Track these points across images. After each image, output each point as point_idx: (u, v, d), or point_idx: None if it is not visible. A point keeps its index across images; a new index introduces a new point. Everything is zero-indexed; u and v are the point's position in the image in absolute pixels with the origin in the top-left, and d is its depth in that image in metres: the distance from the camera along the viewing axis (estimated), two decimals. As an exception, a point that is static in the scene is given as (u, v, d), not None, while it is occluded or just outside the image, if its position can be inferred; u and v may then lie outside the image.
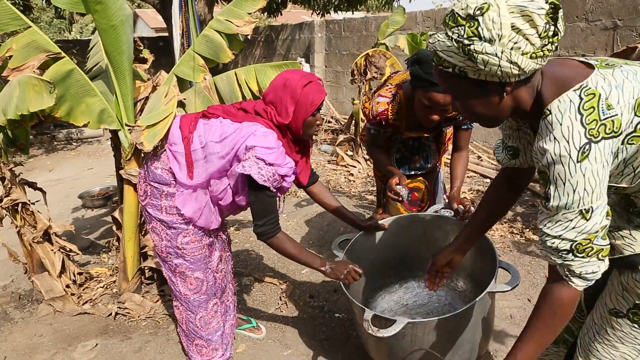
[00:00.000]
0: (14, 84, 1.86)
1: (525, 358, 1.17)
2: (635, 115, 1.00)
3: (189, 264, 1.93)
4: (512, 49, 0.98)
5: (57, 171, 6.00)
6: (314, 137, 1.98)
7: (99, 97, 2.39)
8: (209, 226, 1.92)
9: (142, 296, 2.74)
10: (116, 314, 2.62)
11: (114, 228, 3.05)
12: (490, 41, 0.98)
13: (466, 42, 0.99)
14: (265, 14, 9.54)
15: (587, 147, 0.97)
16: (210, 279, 2.00)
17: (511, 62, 0.98)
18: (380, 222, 2.14)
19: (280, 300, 2.74)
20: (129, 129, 1.78)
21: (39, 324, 2.57)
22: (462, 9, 1.00)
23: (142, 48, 2.67)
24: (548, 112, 1.04)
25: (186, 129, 1.80)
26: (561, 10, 1.01)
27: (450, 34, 1.02)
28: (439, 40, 1.05)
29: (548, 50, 1.00)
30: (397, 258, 2.32)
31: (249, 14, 2.57)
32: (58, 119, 2.31)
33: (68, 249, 2.78)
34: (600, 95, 0.99)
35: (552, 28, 0.99)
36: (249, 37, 2.61)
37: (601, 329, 1.26)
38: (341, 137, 5.81)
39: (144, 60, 2.78)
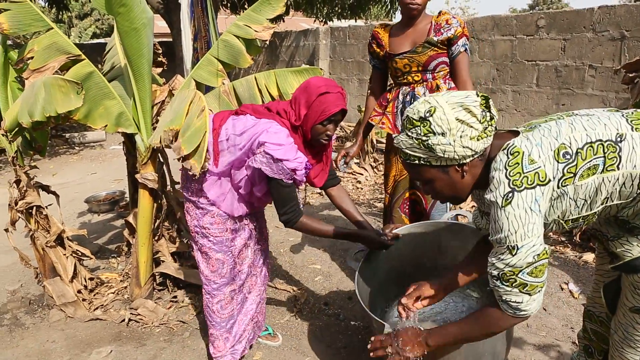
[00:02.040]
0: (39, 85, 1.84)
1: (441, 339, 1.41)
2: (557, 162, 1.20)
3: (212, 245, 2.03)
4: (461, 136, 1.23)
5: (60, 175, 5.95)
6: (332, 144, 2.02)
7: (117, 100, 2.37)
8: (233, 212, 2.02)
9: (155, 302, 2.70)
10: (129, 320, 2.58)
11: (126, 233, 3.02)
12: (443, 134, 1.23)
13: (424, 138, 1.25)
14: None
15: (510, 195, 1.18)
16: (231, 262, 2.08)
17: (464, 147, 1.24)
18: (395, 231, 2.13)
19: (295, 307, 2.71)
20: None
21: (50, 330, 2.53)
22: (415, 113, 1.28)
23: (160, 52, 2.66)
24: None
25: (217, 123, 1.94)
26: (491, 100, 1.29)
27: (410, 134, 1.29)
28: (402, 140, 1.31)
29: (489, 131, 1.26)
30: (412, 267, 2.30)
31: (268, 19, 2.56)
32: (73, 122, 2.29)
33: (80, 253, 2.74)
34: (523, 152, 1.21)
35: (488, 114, 1.26)
36: (266, 42, 2.60)
37: (628, 327, 1.36)
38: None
39: (160, 64, 2.76)
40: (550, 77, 5.11)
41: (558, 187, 1.20)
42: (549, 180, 1.19)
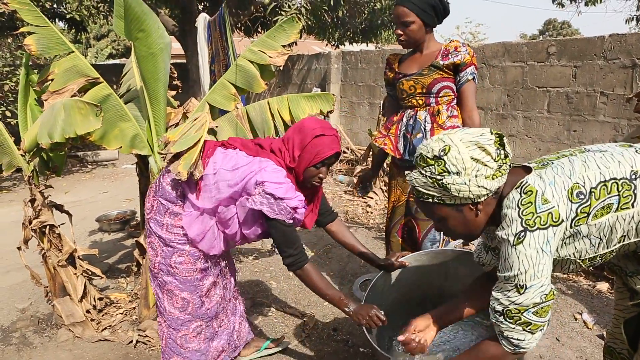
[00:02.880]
0: (58, 107, 1.88)
1: None
2: (571, 202, 1.18)
3: (178, 283, 1.93)
4: (476, 175, 1.21)
5: (73, 193, 6.01)
6: (322, 184, 1.98)
7: (132, 122, 2.41)
8: (210, 251, 1.92)
9: (163, 324, 2.69)
10: (137, 341, 2.57)
11: (136, 253, 3.03)
12: (458, 173, 1.22)
13: (438, 177, 1.24)
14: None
15: (523, 234, 1.17)
16: (197, 301, 1.99)
17: (479, 186, 1.22)
18: (400, 259, 2.12)
19: (303, 332, 2.68)
20: (162, 157, 1.79)
21: (58, 350, 2.52)
22: (429, 152, 1.26)
23: (175, 75, 2.71)
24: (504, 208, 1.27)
25: (204, 153, 1.84)
26: (505, 137, 1.27)
27: (423, 172, 1.27)
28: (415, 178, 1.30)
29: (504, 169, 1.24)
30: (420, 295, 2.28)
31: (283, 46, 2.60)
32: (88, 142, 2.33)
33: (90, 273, 2.75)
34: (537, 191, 1.20)
35: (502, 152, 1.25)
36: (280, 68, 2.64)
37: None
38: (358, 168, 5.82)
39: (175, 88, 2.81)
40: (561, 103, 5.11)
41: (571, 227, 1.19)
42: (562, 221, 1.17)
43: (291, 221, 1.78)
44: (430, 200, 1.29)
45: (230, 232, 1.87)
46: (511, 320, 1.20)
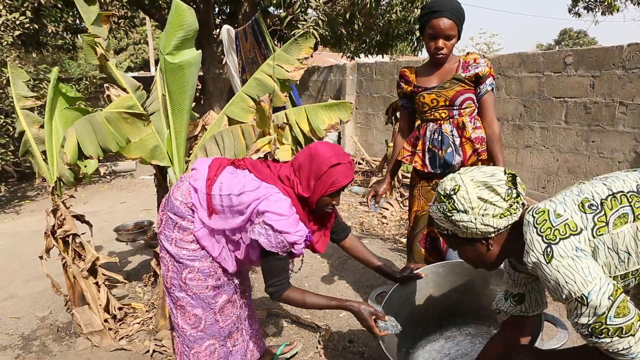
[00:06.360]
0: (100, 120, 1.98)
1: None
2: (584, 212, 1.23)
3: (190, 300, 1.90)
4: (482, 215, 1.30)
5: (91, 204, 6.11)
6: (336, 207, 1.96)
7: (154, 134, 2.45)
8: (229, 267, 1.90)
9: (179, 334, 2.70)
10: (153, 351, 2.59)
11: (153, 263, 3.05)
12: (465, 212, 1.31)
13: (448, 214, 1.35)
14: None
15: (549, 249, 1.18)
16: (210, 319, 1.94)
17: (485, 225, 1.30)
18: (416, 271, 2.11)
19: (319, 343, 2.67)
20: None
21: (77, 358, 2.56)
22: (442, 190, 1.37)
23: (199, 88, 2.75)
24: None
25: (213, 172, 1.81)
26: (518, 177, 1.36)
27: (439, 207, 1.39)
28: (434, 212, 1.42)
29: (515, 208, 1.32)
30: (436, 306, 2.26)
31: (299, 60, 2.63)
32: (110, 153, 2.37)
33: (110, 280, 2.78)
34: (548, 210, 1.26)
35: (514, 191, 1.33)
36: (297, 82, 2.66)
37: None
38: (374, 179, 5.81)
39: (196, 99, 2.85)
40: (579, 113, 5.06)
41: (594, 237, 1.20)
42: (581, 230, 1.20)
43: (285, 254, 1.75)
44: (446, 232, 1.42)
45: (240, 256, 1.87)
46: (604, 335, 1.15)
